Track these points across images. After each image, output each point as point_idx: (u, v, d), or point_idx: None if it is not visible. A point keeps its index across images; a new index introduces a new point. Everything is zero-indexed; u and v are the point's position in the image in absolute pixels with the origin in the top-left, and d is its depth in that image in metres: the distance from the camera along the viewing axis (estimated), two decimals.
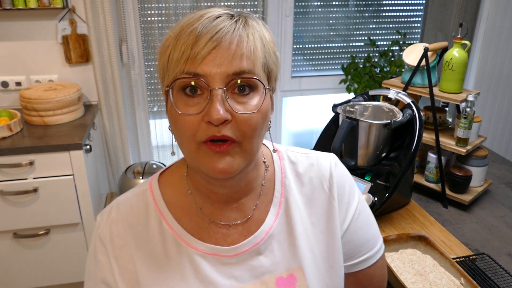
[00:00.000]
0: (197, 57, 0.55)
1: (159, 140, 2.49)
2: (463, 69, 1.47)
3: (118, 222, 0.68)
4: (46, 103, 1.85)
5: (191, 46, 0.56)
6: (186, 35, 0.57)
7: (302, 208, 0.71)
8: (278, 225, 0.69)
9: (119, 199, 0.71)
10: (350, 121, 1.29)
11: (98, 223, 0.69)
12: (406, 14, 2.67)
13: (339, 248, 0.72)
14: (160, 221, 0.68)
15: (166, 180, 0.72)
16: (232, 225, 0.69)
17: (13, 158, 1.69)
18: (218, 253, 0.67)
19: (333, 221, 0.71)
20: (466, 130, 1.43)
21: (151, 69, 2.34)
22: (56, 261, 1.92)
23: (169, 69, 0.59)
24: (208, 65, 0.55)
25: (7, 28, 2.01)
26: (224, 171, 0.58)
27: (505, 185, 1.61)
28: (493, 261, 1.14)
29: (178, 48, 0.57)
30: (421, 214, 1.36)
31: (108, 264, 0.66)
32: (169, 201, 0.69)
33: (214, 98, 0.56)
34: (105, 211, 0.70)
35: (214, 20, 0.57)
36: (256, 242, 0.68)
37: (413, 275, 1.01)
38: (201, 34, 0.56)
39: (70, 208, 1.81)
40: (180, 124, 0.58)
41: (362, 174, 1.32)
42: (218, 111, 0.55)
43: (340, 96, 2.66)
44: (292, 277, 0.68)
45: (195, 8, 2.24)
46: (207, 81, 0.56)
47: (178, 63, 0.57)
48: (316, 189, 0.72)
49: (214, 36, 0.55)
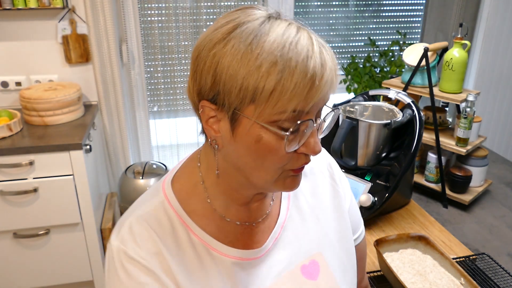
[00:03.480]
0: (312, 100, 0.53)
1: (159, 140, 2.49)
2: (463, 69, 1.47)
3: (148, 239, 0.61)
4: (46, 103, 1.85)
5: (308, 89, 0.52)
6: (300, 75, 0.51)
7: (309, 197, 0.75)
8: (291, 217, 0.72)
9: (138, 214, 0.63)
10: (350, 121, 1.29)
11: (122, 248, 0.60)
12: (406, 14, 2.67)
13: (349, 228, 0.78)
14: (187, 233, 0.64)
15: (179, 189, 0.66)
16: (256, 224, 0.69)
17: (13, 158, 1.69)
18: (250, 257, 0.67)
19: (339, 203, 0.77)
20: (466, 130, 1.43)
21: (151, 69, 2.34)
22: (56, 261, 1.92)
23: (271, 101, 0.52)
24: (317, 104, 0.55)
25: (7, 28, 2.01)
26: (295, 187, 0.62)
27: (505, 185, 1.61)
28: (493, 261, 1.14)
29: (290, 86, 0.51)
30: (421, 214, 1.36)
31: (158, 281, 0.59)
32: (189, 210, 0.65)
33: (314, 133, 0.56)
34: (124, 232, 0.61)
35: (319, 55, 0.53)
36: (275, 237, 0.69)
37: (413, 275, 1.01)
38: (316, 77, 0.52)
39: (70, 208, 1.81)
40: (276, 158, 0.56)
41: (362, 174, 1.32)
42: (320, 146, 0.56)
43: (340, 96, 2.66)
44: (314, 262, 0.71)
45: (195, 8, 2.24)
46: (311, 117, 0.55)
47: (289, 100, 0.52)
48: (318, 178, 0.77)
49: (327, 79, 0.53)
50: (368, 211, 1.25)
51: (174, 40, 2.28)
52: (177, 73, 2.35)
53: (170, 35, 2.27)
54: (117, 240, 0.61)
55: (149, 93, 2.38)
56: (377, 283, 1.05)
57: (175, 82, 2.37)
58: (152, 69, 2.33)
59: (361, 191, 1.28)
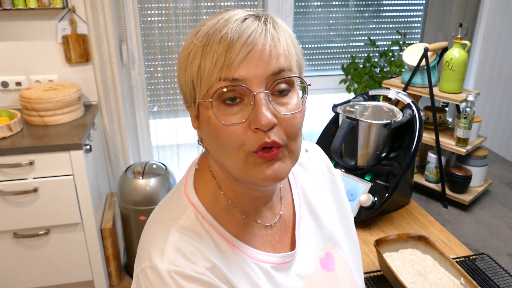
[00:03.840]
0: (233, 63, 0.53)
1: (159, 140, 2.49)
2: (463, 69, 1.47)
3: (197, 254, 0.58)
4: (46, 103, 1.85)
5: (224, 53, 0.53)
6: (216, 43, 0.54)
7: (314, 192, 0.76)
8: (303, 214, 0.73)
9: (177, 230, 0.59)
10: (350, 121, 1.29)
11: (173, 269, 0.55)
12: (406, 14, 2.67)
13: (351, 217, 0.81)
14: (227, 244, 0.62)
15: (205, 200, 0.64)
16: (273, 225, 0.69)
17: (13, 158, 1.69)
18: (286, 260, 0.67)
19: (340, 197, 0.80)
20: (466, 130, 1.43)
21: (151, 69, 2.34)
22: (56, 261, 1.92)
23: (201, 79, 0.55)
24: (246, 69, 0.53)
25: (7, 28, 2.01)
26: (276, 178, 0.56)
27: (505, 185, 1.61)
28: (493, 261, 1.14)
29: (209, 57, 0.54)
30: (421, 214, 1.36)
31: None
32: (220, 220, 0.63)
33: (259, 103, 0.53)
34: (170, 252, 0.57)
35: (242, 23, 0.54)
36: (297, 236, 0.70)
37: (413, 275, 1.01)
38: (233, 39, 0.53)
39: (70, 208, 1.81)
40: (224, 135, 0.55)
41: (362, 174, 1.32)
42: (266, 116, 0.53)
43: (340, 96, 2.66)
44: (329, 255, 0.73)
45: (195, 8, 2.24)
46: (247, 85, 0.53)
47: (212, 72, 0.54)
48: (318, 173, 0.78)
49: (248, 39, 0.53)
50: (368, 211, 1.25)
51: (174, 40, 2.28)
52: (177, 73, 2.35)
53: (170, 35, 2.27)
54: (163, 263, 0.55)
55: (149, 93, 2.38)
56: (377, 283, 1.05)
57: (175, 82, 2.37)
58: (152, 69, 2.33)
59: (361, 191, 1.28)
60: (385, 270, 1.03)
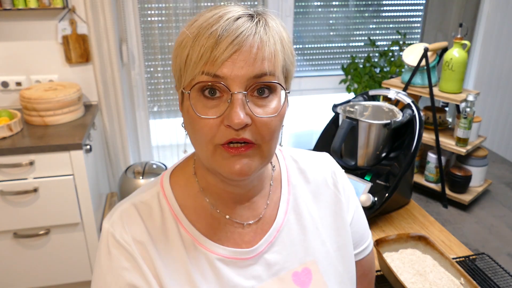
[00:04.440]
0: (217, 60, 0.54)
1: (159, 140, 2.49)
2: (463, 69, 1.47)
3: (135, 227, 0.64)
4: (46, 103, 1.85)
5: (211, 49, 0.55)
6: (205, 37, 0.55)
7: (309, 204, 0.74)
8: (288, 222, 0.71)
9: (131, 202, 0.66)
10: (350, 121, 1.29)
11: (110, 231, 0.63)
12: (406, 14, 2.67)
13: (349, 239, 0.76)
14: (177, 226, 0.65)
15: (175, 182, 0.69)
16: (247, 224, 0.69)
17: (13, 158, 1.69)
18: (238, 257, 0.66)
19: (341, 214, 0.75)
20: (466, 130, 1.43)
21: (151, 69, 2.34)
22: (56, 261, 1.92)
23: (186, 70, 0.58)
24: (229, 68, 0.55)
25: (7, 28, 2.01)
26: (242, 173, 0.58)
27: (505, 185, 1.61)
28: (493, 261, 1.14)
29: (196, 50, 0.56)
30: (421, 214, 1.36)
31: (137, 268, 0.62)
32: (182, 204, 0.67)
33: (235, 102, 0.55)
34: (116, 216, 0.65)
35: (234, 22, 0.55)
36: (270, 240, 0.69)
37: (413, 275, 1.01)
38: (221, 37, 0.54)
39: (70, 208, 1.81)
40: (198, 126, 0.58)
41: (362, 174, 1.32)
42: (239, 116, 0.55)
43: (340, 96, 2.66)
44: (307, 270, 0.70)
45: (195, 8, 2.24)
46: (227, 84, 0.55)
47: (196, 64, 0.56)
48: (320, 185, 0.76)
49: (235, 40, 0.54)
50: (368, 211, 1.25)
51: (174, 40, 2.27)
52: None
53: (170, 35, 2.27)
54: (108, 223, 0.64)
55: (149, 93, 2.38)
56: (377, 283, 1.06)
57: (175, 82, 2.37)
58: (152, 69, 2.33)
59: (361, 191, 1.28)
60: (385, 270, 1.03)
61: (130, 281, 0.61)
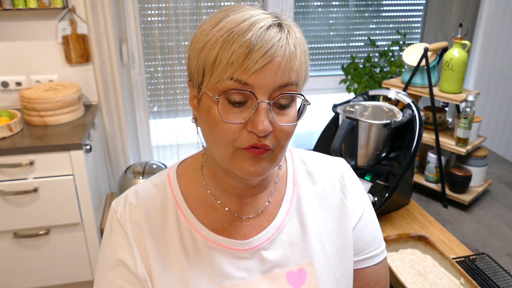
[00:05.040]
0: (249, 69, 0.55)
1: (159, 140, 2.49)
2: (463, 69, 1.47)
3: (136, 208, 0.69)
4: (46, 103, 1.85)
5: (244, 57, 0.55)
6: (238, 44, 0.55)
7: (313, 206, 0.74)
8: (289, 221, 0.72)
9: (137, 187, 0.71)
10: (350, 121, 1.29)
11: (115, 209, 0.70)
12: (406, 14, 2.67)
13: (350, 245, 0.75)
14: (176, 212, 0.69)
15: (181, 172, 0.73)
16: (245, 219, 0.70)
17: (13, 158, 1.69)
18: (232, 247, 0.68)
19: (345, 218, 0.75)
20: (466, 130, 1.43)
21: (151, 69, 2.34)
22: (56, 261, 1.92)
23: (213, 71, 0.58)
24: (258, 78, 0.56)
25: (7, 28, 2.01)
26: (256, 174, 0.61)
27: (505, 185, 1.61)
28: (493, 261, 1.14)
29: (227, 54, 0.56)
30: (421, 214, 1.36)
31: (128, 246, 0.67)
32: (185, 192, 0.70)
33: (261, 111, 0.57)
34: (122, 196, 0.71)
35: (266, 31, 0.56)
36: (268, 236, 0.70)
37: (413, 275, 1.01)
38: (255, 47, 0.55)
39: (70, 208, 1.81)
40: (220, 129, 0.59)
41: (362, 174, 1.32)
42: (263, 124, 0.57)
43: (340, 96, 2.66)
44: (302, 271, 0.70)
45: (195, 8, 2.24)
46: (254, 91, 0.57)
47: (226, 69, 0.56)
48: (327, 188, 0.76)
49: (268, 51, 0.55)
50: None
51: (174, 40, 2.28)
52: (177, 73, 2.35)
53: (170, 35, 2.27)
54: (115, 202, 0.71)
55: (149, 93, 2.38)
56: None
57: (175, 82, 2.37)
58: (152, 69, 2.33)
59: None
60: None
61: (122, 257, 0.67)
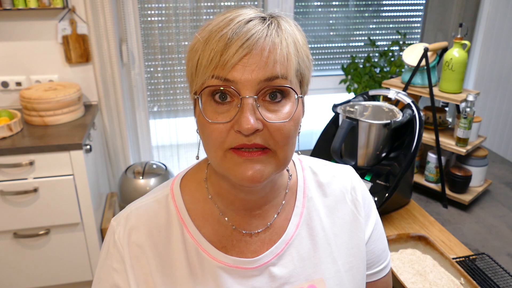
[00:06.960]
0: (227, 64, 0.53)
1: (159, 140, 2.49)
2: (463, 69, 1.47)
3: (138, 229, 0.65)
4: (46, 103, 1.85)
5: (220, 52, 0.53)
6: (215, 41, 0.54)
7: (324, 219, 0.70)
8: (299, 236, 0.68)
9: (139, 204, 0.67)
10: (350, 121, 1.29)
11: (114, 228, 0.65)
12: (406, 14, 2.67)
13: (363, 259, 0.72)
14: (182, 230, 0.65)
15: (185, 185, 0.68)
16: (254, 233, 0.66)
17: (13, 158, 1.69)
18: (241, 266, 0.64)
19: (357, 232, 0.71)
20: (466, 130, 1.43)
21: (151, 69, 2.34)
22: (56, 261, 1.92)
23: (197, 74, 0.56)
24: (239, 72, 0.53)
25: (7, 28, 2.01)
26: (254, 179, 0.56)
27: (505, 185, 1.61)
28: (493, 261, 1.14)
29: (206, 54, 0.54)
30: (421, 214, 1.36)
31: (123, 272, 0.64)
32: (190, 208, 0.66)
33: (245, 107, 0.53)
34: (122, 215, 0.66)
35: (245, 25, 0.54)
36: (277, 252, 0.66)
37: (413, 275, 1.01)
38: (231, 40, 0.53)
39: (70, 208, 1.81)
40: (208, 131, 0.56)
41: (362, 174, 1.32)
42: (248, 121, 0.53)
43: (340, 96, 2.66)
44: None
45: (195, 8, 2.25)
46: (237, 88, 0.54)
47: (206, 68, 0.55)
48: (339, 200, 0.72)
49: (245, 43, 0.53)
50: None
51: (174, 40, 2.28)
52: (177, 73, 2.36)
53: (170, 35, 2.27)
54: (115, 221, 0.66)
55: (149, 93, 2.38)
56: None
57: (175, 82, 2.37)
58: (152, 69, 2.33)
59: None
60: None
61: (117, 282, 0.64)
